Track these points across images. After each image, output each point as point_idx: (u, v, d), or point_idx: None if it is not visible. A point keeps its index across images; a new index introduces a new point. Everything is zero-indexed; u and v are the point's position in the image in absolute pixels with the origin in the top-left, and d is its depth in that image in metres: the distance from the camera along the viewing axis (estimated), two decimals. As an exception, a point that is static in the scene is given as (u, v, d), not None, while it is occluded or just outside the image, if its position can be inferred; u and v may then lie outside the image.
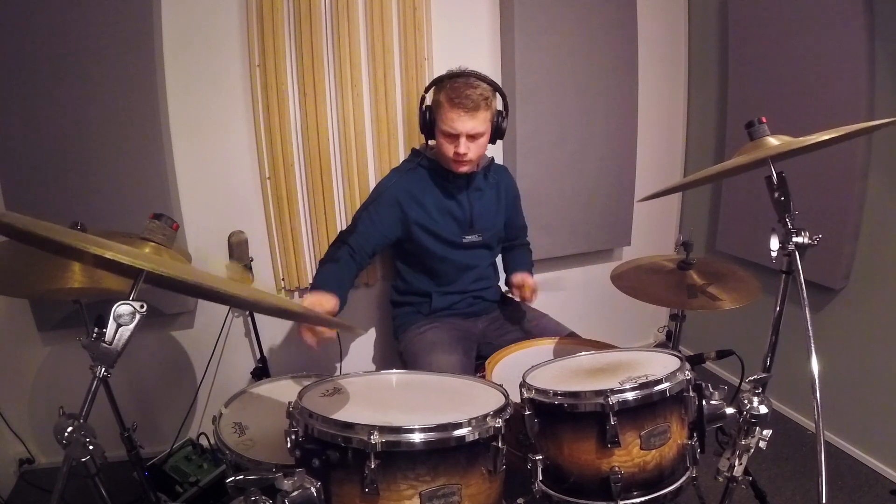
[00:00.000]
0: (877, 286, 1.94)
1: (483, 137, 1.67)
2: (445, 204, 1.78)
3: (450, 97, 1.60)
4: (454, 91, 1.60)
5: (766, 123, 1.20)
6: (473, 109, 1.60)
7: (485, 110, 1.63)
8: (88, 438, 0.87)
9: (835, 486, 1.89)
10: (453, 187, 1.79)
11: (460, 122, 1.60)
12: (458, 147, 1.64)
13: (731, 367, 2.43)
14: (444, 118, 1.63)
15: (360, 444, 0.93)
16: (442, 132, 1.66)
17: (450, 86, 1.62)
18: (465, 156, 1.65)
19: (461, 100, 1.58)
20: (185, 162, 1.94)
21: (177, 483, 1.76)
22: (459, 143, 1.63)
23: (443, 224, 1.78)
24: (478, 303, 1.93)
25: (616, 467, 1.07)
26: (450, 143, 1.66)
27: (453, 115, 1.60)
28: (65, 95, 1.70)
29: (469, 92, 1.59)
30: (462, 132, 1.62)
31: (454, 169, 1.71)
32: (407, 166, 1.84)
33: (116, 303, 0.84)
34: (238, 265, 1.99)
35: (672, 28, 2.60)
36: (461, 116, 1.60)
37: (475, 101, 1.59)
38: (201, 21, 1.86)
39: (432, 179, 1.78)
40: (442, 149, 1.69)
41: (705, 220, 2.66)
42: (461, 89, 1.59)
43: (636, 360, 1.28)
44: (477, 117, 1.61)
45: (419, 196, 1.76)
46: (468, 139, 1.63)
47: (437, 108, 1.67)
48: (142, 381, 2.08)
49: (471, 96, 1.59)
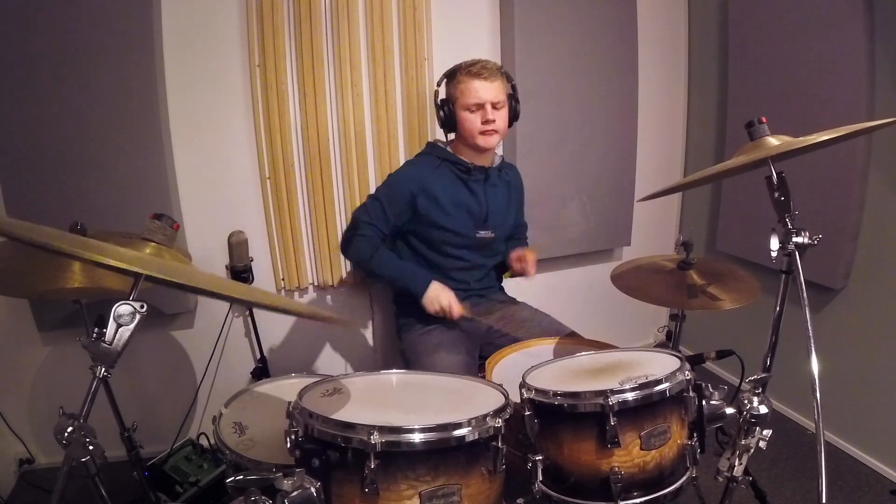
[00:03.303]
0: (877, 286, 1.94)
1: (504, 110, 1.74)
2: (462, 198, 1.79)
3: (469, 71, 1.69)
4: (471, 66, 1.70)
5: (766, 123, 1.20)
6: (492, 77, 1.68)
7: (502, 80, 1.72)
8: (88, 438, 0.88)
9: (835, 486, 1.89)
10: (472, 181, 1.79)
11: (483, 89, 1.67)
12: (487, 115, 1.69)
13: (731, 367, 2.43)
14: (467, 91, 1.69)
15: (360, 444, 0.93)
16: (466, 108, 1.71)
17: (465, 67, 1.71)
18: (494, 123, 1.70)
19: (480, 70, 1.68)
20: (185, 162, 1.94)
21: (177, 483, 1.76)
22: (486, 110, 1.69)
23: (457, 218, 1.78)
24: (482, 302, 1.93)
25: (616, 467, 1.07)
26: (477, 116, 1.70)
27: (476, 84, 1.68)
28: (65, 95, 1.70)
29: (485, 64, 1.70)
30: (487, 100, 1.68)
31: (482, 144, 1.74)
32: (425, 160, 1.83)
33: (117, 303, 0.84)
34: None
35: (672, 28, 2.60)
36: (483, 84, 1.68)
37: (492, 70, 1.69)
38: (201, 21, 1.87)
39: (451, 174, 1.79)
40: (468, 125, 1.72)
41: (705, 220, 2.66)
42: (476, 65, 1.69)
43: (636, 360, 1.28)
44: (497, 86, 1.70)
45: (437, 194, 1.76)
46: (494, 110, 1.70)
47: (456, 90, 1.72)
48: (142, 381, 2.08)
49: (487, 66, 1.69)
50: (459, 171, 1.78)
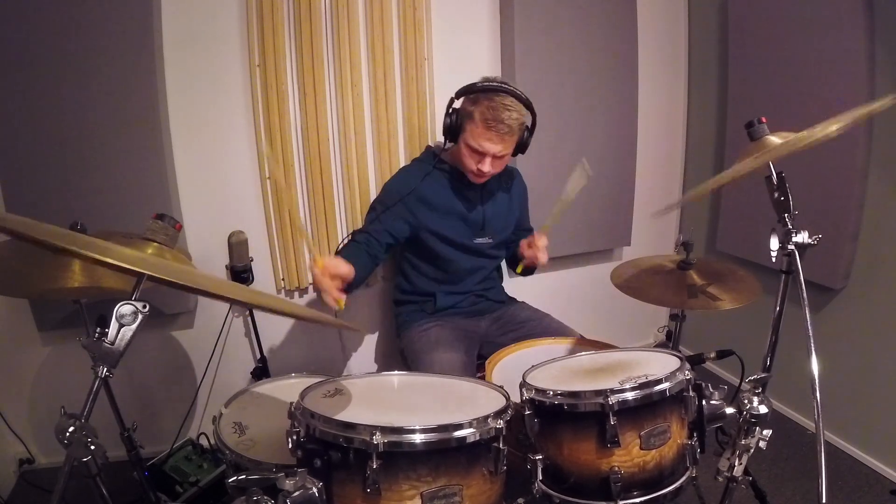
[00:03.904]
0: (877, 286, 1.94)
1: (507, 156, 1.67)
2: (458, 207, 1.78)
3: (485, 117, 1.55)
4: (491, 111, 1.54)
5: (765, 123, 1.20)
6: (507, 134, 1.57)
7: (518, 134, 1.62)
8: (90, 438, 0.88)
9: (835, 486, 1.89)
10: (468, 190, 1.78)
11: (490, 144, 1.57)
12: (483, 165, 1.62)
13: (731, 367, 2.43)
14: (475, 135, 1.59)
15: (362, 444, 0.93)
16: (468, 146, 1.63)
17: (486, 104, 1.55)
18: (487, 174, 1.64)
19: (497, 124, 1.54)
20: (185, 162, 1.93)
21: (177, 483, 1.76)
22: (485, 161, 1.61)
23: (453, 227, 1.78)
24: (481, 301, 1.93)
25: (616, 467, 1.07)
26: (473, 159, 1.63)
27: (485, 137, 1.57)
28: (65, 95, 1.69)
29: (505, 116, 1.54)
30: (490, 153, 1.60)
31: (472, 180, 1.72)
32: (419, 167, 1.82)
33: (119, 303, 0.84)
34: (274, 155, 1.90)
35: (672, 28, 2.60)
36: (492, 138, 1.56)
37: (510, 127, 1.56)
38: (201, 21, 1.86)
39: (446, 182, 1.78)
40: (464, 159, 1.66)
41: (705, 220, 2.66)
42: (498, 111, 1.54)
43: (636, 360, 1.28)
44: (508, 141, 1.59)
45: (431, 199, 1.75)
46: (493, 159, 1.62)
47: (467, 120, 1.62)
48: (142, 381, 2.08)
49: (506, 121, 1.54)
50: (453, 178, 1.78)
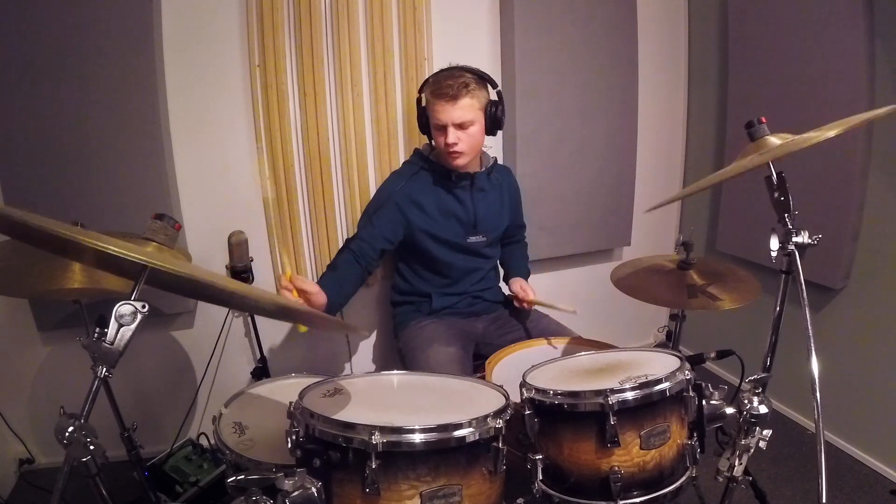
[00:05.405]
0: (877, 286, 1.94)
1: (473, 126, 1.66)
2: (449, 206, 1.78)
3: (432, 90, 1.65)
4: (436, 83, 1.64)
5: (765, 123, 1.20)
6: (454, 98, 1.61)
7: (467, 97, 1.62)
8: (90, 438, 0.87)
9: (835, 486, 1.89)
10: (457, 188, 1.78)
11: (444, 112, 1.62)
12: (448, 137, 1.64)
13: (731, 367, 2.43)
14: (431, 112, 1.67)
15: (362, 444, 0.93)
16: (434, 126, 1.68)
17: (433, 80, 1.66)
18: (456, 146, 1.65)
19: (441, 89, 1.61)
20: (185, 162, 1.94)
21: (177, 483, 1.76)
22: (448, 133, 1.64)
23: (445, 226, 1.78)
24: (478, 302, 1.93)
25: (616, 467, 1.07)
26: (441, 136, 1.67)
27: (437, 106, 1.63)
28: (65, 95, 1.70)
29: (449, 81, 1.61)
30: (447, 122, 1.63)
31: (450, 162, 1.71)
32: (408, 169, 1.83)
33: (118, 303, 0.84)
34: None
35: (672, 28, 2.60)
36: (444, 106, 1.62)
37: (455, 89, 1.61)
38: (201, 21, 1.86)
39: (435, 181, 1.78)
40: (438, 142, 1.70)
41: (705, 220, 2.66)
42: (441, 80, 1.63)
43: (636, 360, 1.28)
44: (460, 105, 1.62)
45: (420, 200, 1.75)
46: (457, 129, 1.64)
47: (427, 105, 1.70)
48: (142, 381, 2.08)
49: (451, 85, 1.61)
50: (441, 177, 1.78)
